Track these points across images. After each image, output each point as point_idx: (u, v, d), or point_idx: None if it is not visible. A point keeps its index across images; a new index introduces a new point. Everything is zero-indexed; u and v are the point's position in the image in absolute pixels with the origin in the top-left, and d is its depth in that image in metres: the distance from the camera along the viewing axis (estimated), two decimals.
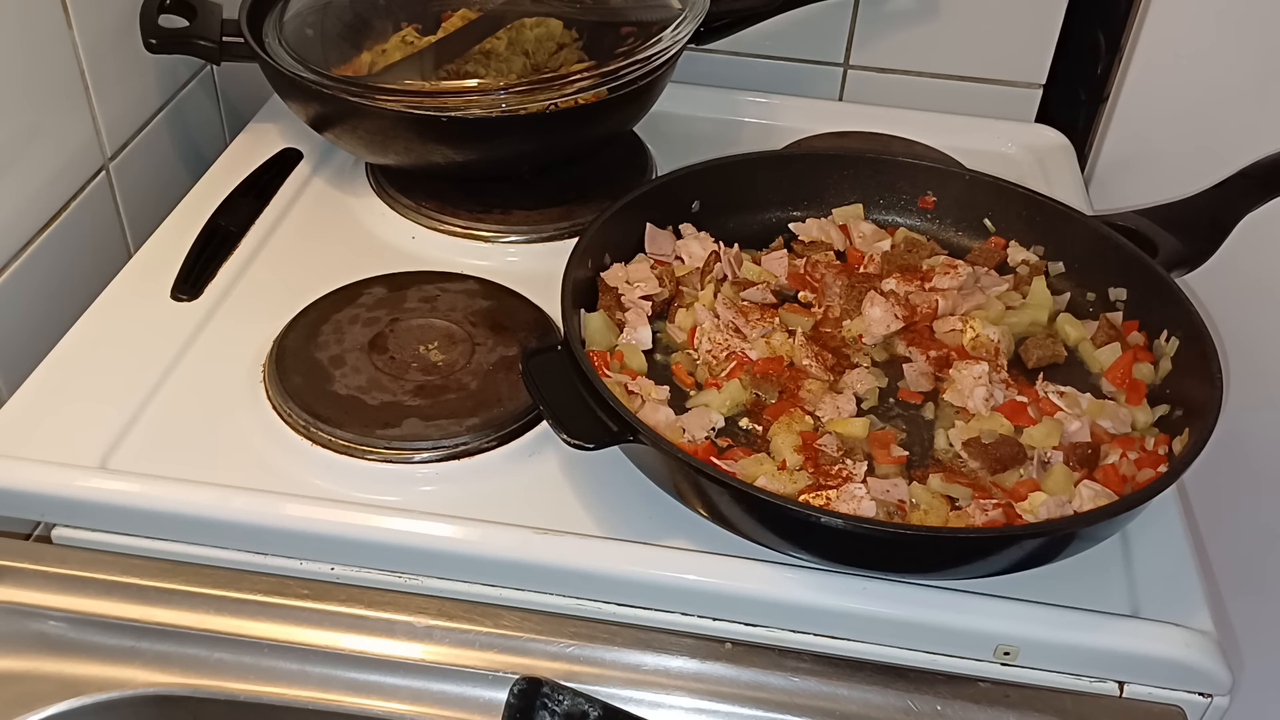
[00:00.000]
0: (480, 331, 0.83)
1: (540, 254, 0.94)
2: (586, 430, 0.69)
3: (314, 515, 0.71)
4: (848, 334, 0.84)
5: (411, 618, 0.68)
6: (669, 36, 0.95)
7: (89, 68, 0.93)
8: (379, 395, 0.78)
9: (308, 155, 1.03)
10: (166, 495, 0.72)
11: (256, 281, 0.90)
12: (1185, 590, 0.71)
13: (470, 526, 0.71)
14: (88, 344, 0.83)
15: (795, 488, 0.71)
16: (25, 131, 0.86)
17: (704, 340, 0.81)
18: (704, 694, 0.66)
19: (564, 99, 0.91)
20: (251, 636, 0.67)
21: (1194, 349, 0.77)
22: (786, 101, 1.15)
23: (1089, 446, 0.75)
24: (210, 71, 1.12)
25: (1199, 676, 0.68)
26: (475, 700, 0.66)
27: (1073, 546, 0.69)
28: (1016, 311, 0.86)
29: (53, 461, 0.73)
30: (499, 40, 1.01)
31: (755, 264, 0.89)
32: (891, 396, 0.80)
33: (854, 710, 0.65)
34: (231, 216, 0.95)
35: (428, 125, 0.91)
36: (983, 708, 0.66)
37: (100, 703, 0.65)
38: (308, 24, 1.02)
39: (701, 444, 0.75)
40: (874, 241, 0.91)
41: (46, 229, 0.90)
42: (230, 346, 0.83)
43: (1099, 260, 0.86)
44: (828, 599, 0.69)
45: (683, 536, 0.71)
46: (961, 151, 1.05)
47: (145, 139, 1.02)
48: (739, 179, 0.92)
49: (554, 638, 0.67)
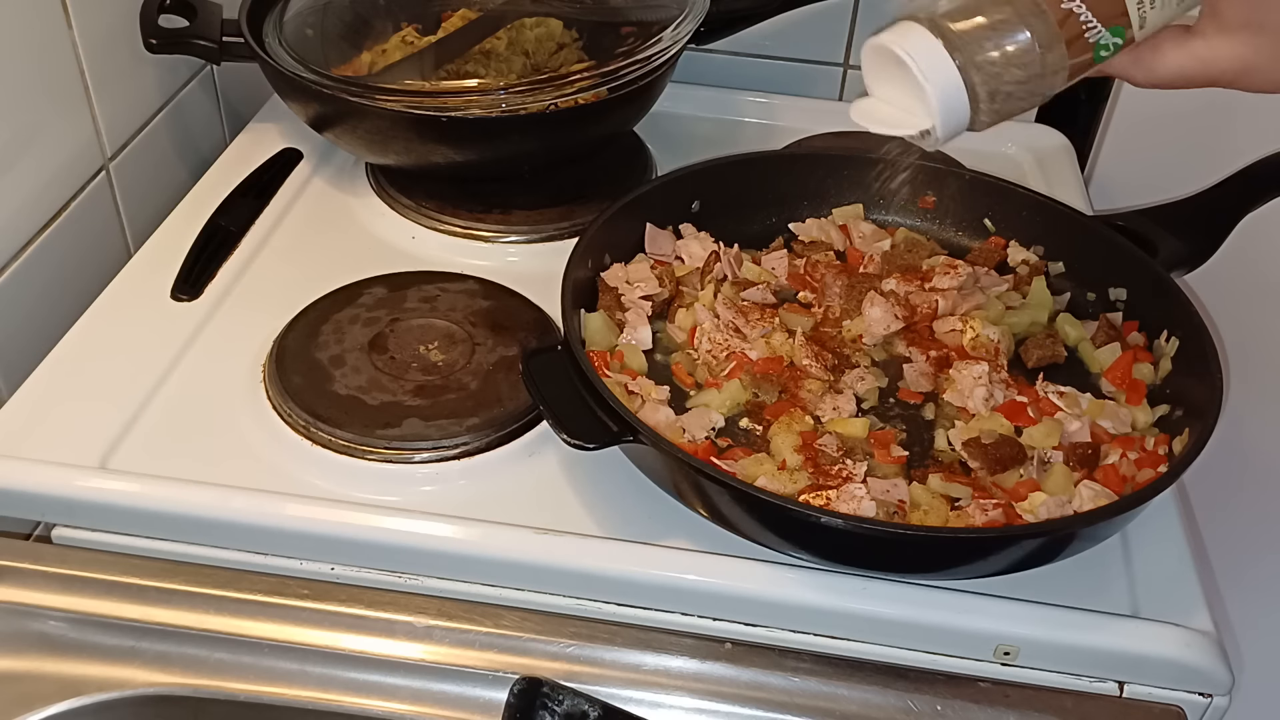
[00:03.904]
0: (480, 331, 0.83)
1: (540, 254, 0.94)
2: (586, 430, 0.69)
3: (314, 515, 0.71)
4: (848, 334, 0.84)
5: (411, 618, 0.68)
6: (669, 36, 0.95)
7: (89, 68, 0.93)
8: (379, 395, 0.78)
9: (308, 155, 1.03)
10: (166, 495, 0.72)
11: (256, 281, 0.90)
12: (1185, 590, 0.71)
13: (470, 526, 0.71)
14: (88, 344, 0.83)
15: (795, 488, 0.71)
16: (25, 131, 0.86)
17: (704, 340, 0.81)
18: (704, 694, 0.66)
19: (564, 99, 0.91)
20: (251, 636, 0.67)
21: (1194, 349, 0.77)
22: (786, 101, 1.15)
23: (1089, 446, 0.75)
24: (210, 71, 1.12)
25: (1199, 676, 0.68)
26: (475, 700, 0.66)
27: (1073, 546, 0.69)
28: (1016, 311, 0.86)
29: (53, 461, 0.73)
30: (499, 40, 1.01)
31: (755, 264, 0.89)
32: (891, 396, 0.80)
33: (854, 710, 0.65)
34: (231, 216, 0.95)
35: (428, 125, 0.91)
36: (983, 708, 0.66)
37: (100, 703, 0.65)
38: (308, 24, 1.02)
39: (701, 444, 0.75)
40: (874, 241, 0.91)
41: (46, 229, 0.90)
42: (230, 346, 0.83)
43: (1099, 260, 0.86)
44: (828, 599, 0.69)
45: (683, 536, 0.71)
46: (961, 151, 1.05)
47: (145, 139, 1.02)
48: (739, 179, 0.92)
49: (554, 638, 0.67)
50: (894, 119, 0.64)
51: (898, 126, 0.64)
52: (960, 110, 0.61)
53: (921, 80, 0.60)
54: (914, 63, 0.60)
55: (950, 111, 0.61)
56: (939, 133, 0.62)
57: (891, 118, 0.64)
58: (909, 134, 0.64)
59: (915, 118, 0.62)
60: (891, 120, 0.64)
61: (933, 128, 0.62)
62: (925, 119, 0.62)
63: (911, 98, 0.62)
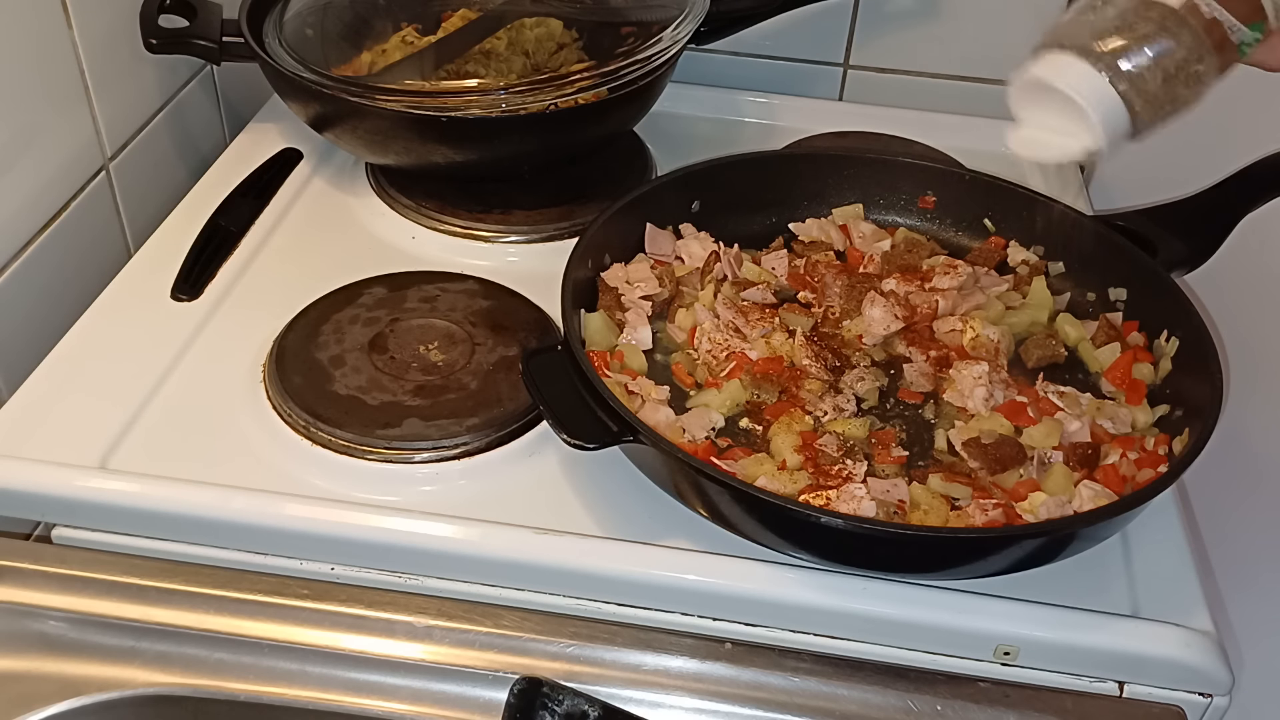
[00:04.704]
0: (480, 331, 0.83)
1: (540, 254, 0.94)
2: (586, 430, 0.69)
3: (314, 515, 0.71)
4: (848, 334, 0.84)
5: (411, 618, 0.68)
6: (669, 36, 0.95)
7: (89, 68, 0.93)
8: (379, 395, 0.78)
9: (308, 155, 1.03)
10: (166, 495, 0.72)
11: (256, 281, 0.90)
12: (1185, 590, 0.71)
13: (470, 526, 0.71)
14: (88, 344, 0.83)
15: (795, 488, 0.71)
16: (25, 131, 0.86)
17: (704, 340, 0.81)
18: (704, 694, 0.66)
19: (564, 99, 0.91)
20: (251, 636, 0.67)
21: (1194, 349, 0.77)
22: (786, 101, 1.15)
23: (1089, 446, 0.75)
24: (210, 71, 1.12)
25: (1199, 676, 0.68)
26: (475, 700, 0.66)
27: (1073, 546, 0.69)
28: (1016, 311, 0.86)
29: (53, 461, 0.73)
30: (499, 40, 1.01)
31: (755, 264, 0.89)
32: (891, 396, 0.80)
33: (854, 710, 0.65)
34: (231, 216, 0.95)
35: (428, 125, 0.92)
36: (983, 708, 0.66)
37: (100, 703, 0.65)
38: (308, 24, 1.02)
39: (701, 444, 0.75)
40: (874, 241, 0.91)
41: (46, 229, 0.90)
42: (230, 346, 0.83)
43: (1099, 260, 0.86)
44: (828, 599, 0.69)
45: (683, 536, 0.71)
46: (961, 151, 1.05)
47: (145, 139, 1.02)
48: (739, 179, 0.92)
49: (554, 638, 0.67)
50: (1059, 145, 0.66)
51: (1064, 152, 0.66)
52: (1120, 125, 0.64)
53: (1084, 106, 0.63)
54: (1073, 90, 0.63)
55: (1112, 128, 0.64)
56: (1105, 148, 0.65)
57: (1056, 144, 0.67)
58: (1077, 157, 0.66)
59: (1078, 140, 0.65)
60: (1056, 146, 0.67)
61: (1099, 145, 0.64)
62: (1089, 139, 0.64)
63: (1069, 120, 0.64)
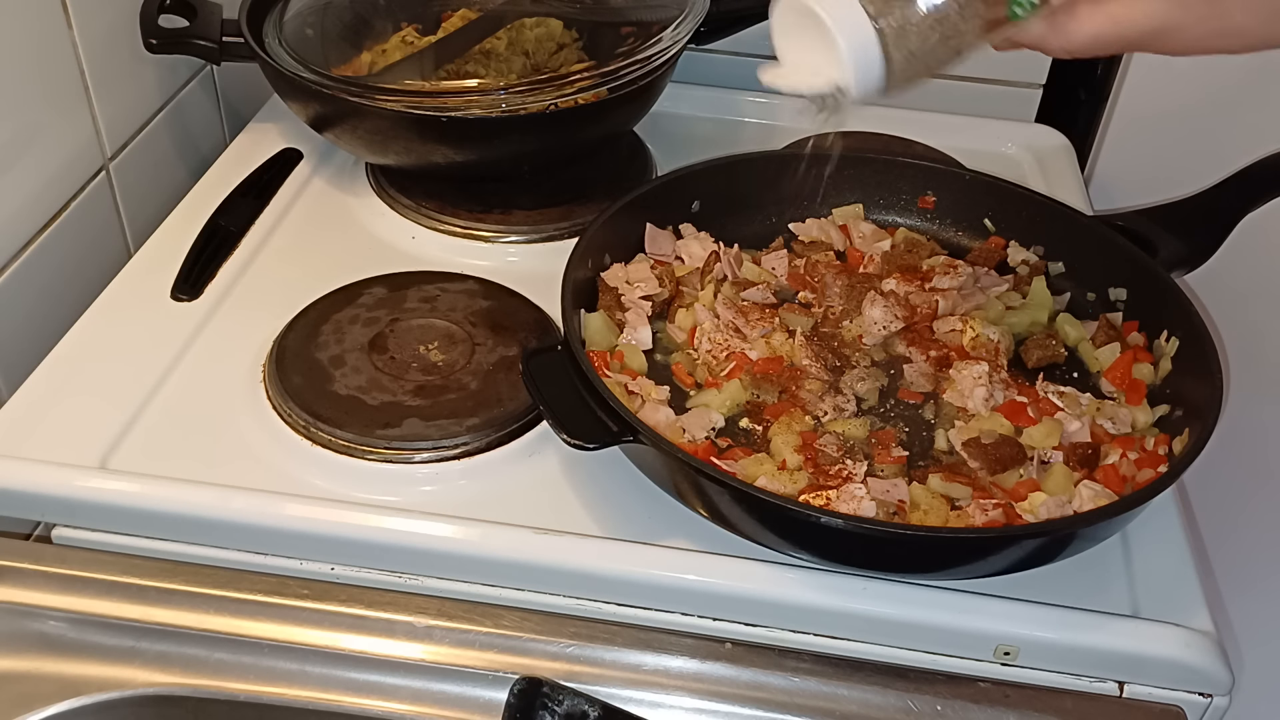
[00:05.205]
0: (480, 331, 0.83)
1: (540, 254, 0.94)
2: (586, 430, 0.69)
3: (314, 515, 0.71)
4: (848, 334, 0.84)
5: (411, 618, 0.68)
6: (669, 36, 0.95)
7: (89, 68, 0.93)
8: (379, 395, 0.78)
9: (308, 155, 1.03)
10: (166, 495, 0.72)
11: (256, 281, 0.90)
12: (1185, 590, 0.71)
13: (470, 526, 0.71)
14: (88, 344, 0.83)
15: (795, 488, 0.71)
16: (25, 131, 0.86)
17: (704, 340, 0.81)
18: (704, 694, 0.66)
19: (564, 99, 0.91)
20: (251, 636, 0.67)
21: (1194, 349, 0.77)
22: (786, 101, 1.14)
23: (1089, 446, 0.75)
24: (210, 71, 1.12)
25: (1199, 676, 0.68)
26: (475, 700, 0.66)
27: (1073, 546, 0.69)
28: (1016, 311, 0.86)
29: (53, 461, 0.73)
30: (499, 40, 1.01)
31: (755, 264, 0.89)
32: (891, 396, 0.80)
33: (854, 710, 0.65)
34: (231, 216, 0.95)
35: (428, 125, 0.91)
36: (983, 708, 0.66)
37: (100, 703, 0.65)
38: (308, 24, 1.02)
39: (701, 444, 0.75)
40: (874, 241, 0.91)
41: (46, 229, 0.90)
42: (230, 346, 0.83)
43: (1099, 260, 0.86)
44: (828, 599, 0.69)
45: (683, 536, 0.71)
46: (961, 151, 1.05)
47: (145, 139, 1.02)
48: (739, 179, 0.92)
49: (554, 638, 0.67)
50: (805, 79, 0.61)
51: (810, 85, 0.61)
52: (873, 66, 0.59)
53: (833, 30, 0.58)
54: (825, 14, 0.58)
55: (863, 66, 0.59)
56: (852, 90, 0.60)
57: (802, 78, 0.61)
58: (821, 92, 0.61)
59: (826, 75, 0.60)
60: (802, 80, 0.61)
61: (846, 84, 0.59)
62: (837, 74, 0.59)
63: (822, 56, 0.59)
